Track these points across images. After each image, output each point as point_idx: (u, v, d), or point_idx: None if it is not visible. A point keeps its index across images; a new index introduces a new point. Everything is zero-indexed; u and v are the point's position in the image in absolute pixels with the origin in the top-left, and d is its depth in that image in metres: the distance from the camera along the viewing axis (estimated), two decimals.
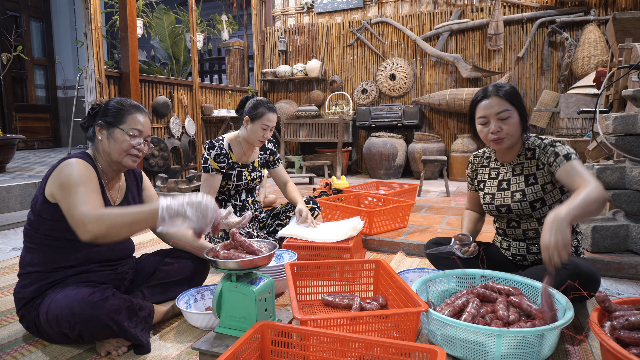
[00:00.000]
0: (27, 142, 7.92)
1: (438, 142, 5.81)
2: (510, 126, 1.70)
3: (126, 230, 1.36)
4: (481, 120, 1.75)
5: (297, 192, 2.69)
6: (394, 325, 1.45)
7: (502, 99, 1.70)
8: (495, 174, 1.90)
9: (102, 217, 1.35)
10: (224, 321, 1.41)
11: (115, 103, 1.63)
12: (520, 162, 1.81)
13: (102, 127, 1.60)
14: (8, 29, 6.76)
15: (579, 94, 4.54)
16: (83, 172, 1.47)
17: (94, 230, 1.33)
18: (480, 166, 1.99)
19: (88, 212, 1.36)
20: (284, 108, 6.75)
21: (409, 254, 2.70)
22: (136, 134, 1.61)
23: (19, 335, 1.64)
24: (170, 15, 6.83)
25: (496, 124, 1.70)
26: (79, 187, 1.42)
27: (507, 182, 1.83)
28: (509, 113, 1.69)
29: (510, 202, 1.80)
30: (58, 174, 1.47)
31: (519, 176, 1.80)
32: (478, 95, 1.77)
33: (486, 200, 1.90)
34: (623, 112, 2.43)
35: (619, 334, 1.25)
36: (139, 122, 1.62)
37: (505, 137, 1.71)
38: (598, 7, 5.33)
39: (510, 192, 1.81)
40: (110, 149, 1.59)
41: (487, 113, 1.72)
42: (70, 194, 1.41)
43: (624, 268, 2.24)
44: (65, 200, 1.42)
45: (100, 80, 4.23)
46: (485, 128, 1.74)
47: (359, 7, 6.62)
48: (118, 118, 1.60)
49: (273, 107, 2.52)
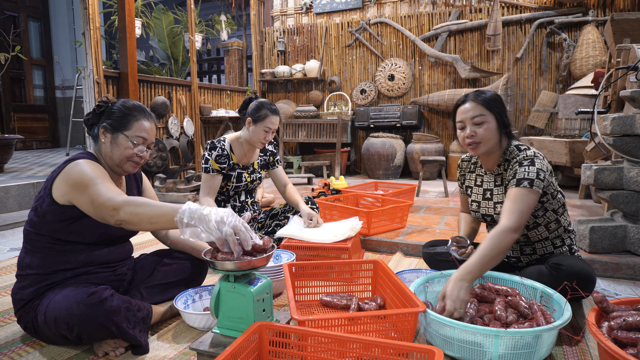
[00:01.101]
0: (26, 142, 7.91)
1: (437, 142, 5.81)
2: (486, 131, 1.70)
3: (146, 221, 1.33)
4: (459, 125, 1.78)
5: (297, 194, 2.68)
6: (392, 325, 1.45)
7: (478, 104, 1.72)
8: (480, 182, 1.91)
9: (129, 202, 1.35)
10: (222, 322, 1.40)
11: (122, 107, 1.61)
12: (499, 172, 1.81)
13: (106, 130, 1.59)
14: (6, 29, 6.75)
15: (577, 94, 4.55)
16: (94, 168, 1.48)
17: (122, 215, 1.33)
18: (467, 171, 2.00)
19: (115, 197, 1.36)
20: (283, 108, 6.75)
21: (407, 255, 2.70)
22: (140, 141, 1.60)
23: (16, 336, 1.63)
24: (168, 15, 6.82)
25: (471, 128, 1.72)
26: (96, 179, 1.42)
27: (490, 192, 1.85)
28: (484, 118, 1.70)
29: (493, 212, 1.83)
30: (67, 175, 1.46)
31: (500, 187, 1.81)
32: (459, 100, 1.80)
33: (473, 207, 1.92)
34: (621, 113, 2.43)
35: (617, 334, 1.25)
36: (144, 129, 1.61)
37: (480, 141, 1.71)
38: (596, 8, 5.34)
39: (493, 202, 1.83)
40: (113, 154, 1.59)
41: (463, 117, 1.75)
42: (89, 187, 1.41)
43: (622, 268, 2.24)
44: (84, 195, 1.41)
45: (98, 80, 4.23)
46: (462, 132, 1.76)
47: (357, 8, 6.62)
48: (123, 123, 1.59)
49: (276, 109, 2.51)
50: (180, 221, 1.26)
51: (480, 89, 1.79)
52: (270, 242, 1.44)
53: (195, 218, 1.25)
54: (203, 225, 1.24)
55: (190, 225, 1.25)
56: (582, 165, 2.45)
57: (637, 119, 2.24)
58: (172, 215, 1.29)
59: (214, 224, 1.23)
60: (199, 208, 1.26)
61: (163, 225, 1.33)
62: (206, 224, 1.23)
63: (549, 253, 1.83)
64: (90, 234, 1.56)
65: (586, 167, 2.41)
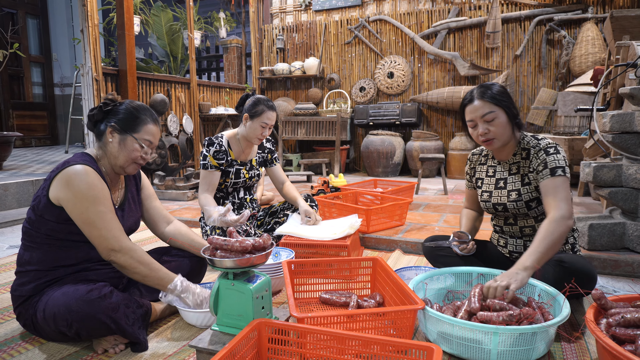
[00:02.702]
0: (24, 139, 7.90)
1: (436, 140, 5.81)
2: (498, 127, 1.71)
3: (139, 277, 1.55)
4: (470, 124, 1.78)
5: (295, 191, 2.68)
6: (390, 322, 1.45)
7: (485, 101, 1.72)
8: (492, 172, 1.91)
9: (132, 252, 1.53)
10: (221, 319, 1.41)
11: (131, 108, 1.61)
12: (516, 161, 1.82)
13: (114, 130, 1.59)
14: (4, 26, 6.72)
15: (576, 91, 4.55)
16: (96, 185, 1.48)
17: (119, 259, 1.51)
18: (478, 164, 2.00)
19: (122, 241, 1.52)
20: (282, 106, 6.74)
21: (406, 252, 2.70)
22: (147, 144, 1.61)
23: (15, 333, 1.64)
24: (167, 12, 6.81)
25: (483, 126, 1.73)
26: (99, 207, 1.48)
27: (504, 180, 1.85)
28: (494, 114, 1.71)
29: (506, 200, 1.82)
30: (67, 183, 1.46)
31: (515, 175, 1.81)
32: (465, 98, 1.80)
33: (483, 197, 1.91)
34: (620, 110, 2.43)
35: (615, 331, 1.26)
36: (152, 133, 1.63)
37: (494, 138, 1.73)
38: (596, 5, 5.34)
39: (507, 190, 1.82)
40: (119, 155, 1.59)
41: (473, 116, 1.75)
42: (90, 213, 1.47)
43: (621, 265, 2.24)
44: (83, 216, 1.47)
45: (97, 77, 4.22)
46: (475, 131, 1.77)
47: (357, 5, 6.61)
48: (132, 125, 1.59)
49: (273, 105, 2.52)
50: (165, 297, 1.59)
51: (484, 84, 1.78)
52: (269, 240, 1.44)
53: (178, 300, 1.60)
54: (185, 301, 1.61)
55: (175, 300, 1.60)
56: (581, 162, 2.45)
57: (636, 116, 2.24)
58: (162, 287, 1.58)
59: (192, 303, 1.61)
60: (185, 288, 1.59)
61: (151, 286, 1.59)
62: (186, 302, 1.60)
63: None
64: None
65: (585, 164, 2.41)
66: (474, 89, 1.78)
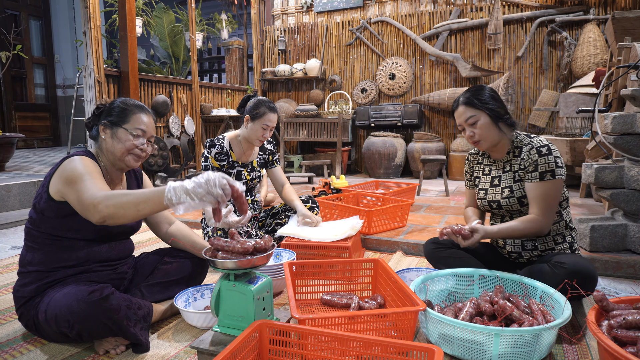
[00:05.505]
0: (27, 141, 7.92)
1: (437, 141, 5.81)
2: (481, 129, 1.79)
3: (133, 210, 1.32)
4: (459, 127, 1.89)
5: (294, 194, 2.68)
6: (392, 324, 1.45)
7: (467, 106, 1.81)
8: (488, 171, 1.96)
9: (110, 196, 1.33)
10: (222, 320, 1.41)
11: (119, 103, 1.65)
12: (509, 159, 1.87)
13: (105, 127, 1.63)
14: (7, 28, 6.75)
15: (578, 93, 4.54)
16: (87, 164, 1.50)
17: (103, 210, 1.32)
18: (475, 163, 2.05)
19: (96, 193, 1.36)
20: (284, 107, 6.74)
21: (407, 254, 2.70)
22: (139, 133, 1.63)
23: (17, 334, 1.64)
24: (169, 14, 6.83)
25: (469, 129, 1.83)
26: (85, 175, 1.44)
27: (499, 178, 1.89)
28: (476, 118, 1.79)
29: (500, 197, 1.86)
30: (62, 170, 1.49)
31: (508, 172, 1.86)
32: (453, 105, 1.89)
33: (480, 195, 1.96)
34: (622, 112, 2.43)
35: (617, 332, 1.25)
36: (143, 122, 1.64)
37: (480, 139, 1.81)
38: (597, 6, 5.33)
39: (500, 188, 1.87)
40: (114, 148, 1.61)
41: (459, 122, 1.86)
42: (77, 183, 1.42)
43: (622, 267, 2.24)
44: (73, 190, 1.43)
45: (99, 79, 4.23)
46: (464, 134, 1.86)
47: (358, 7, 6.61)
48: (122, 117, 1.62)
49: (274, 107, 2.52)
50: (170, 202, 1.26)
51: (469, 89, 1.86)
52: (270, 241, 1.44)
53: (182, 194, 1.25)
54: (193, 198, 1.25)
55: (181, 202, 1.26)
56: (583, 164, 2.45)
57: (638, 117, 2.24)
58: (158, 197, 1.29)
59: (201, 192, 1.24)
60: (182, 184, 1.26)
61: (151, 209, 1.32)
62: (196, 195, 1.24)
63: (549, 249, 1.83)
64: (88, 229, 1.56)
65: (587, 165, 2.41)
66: (461, 94, 1.86)
